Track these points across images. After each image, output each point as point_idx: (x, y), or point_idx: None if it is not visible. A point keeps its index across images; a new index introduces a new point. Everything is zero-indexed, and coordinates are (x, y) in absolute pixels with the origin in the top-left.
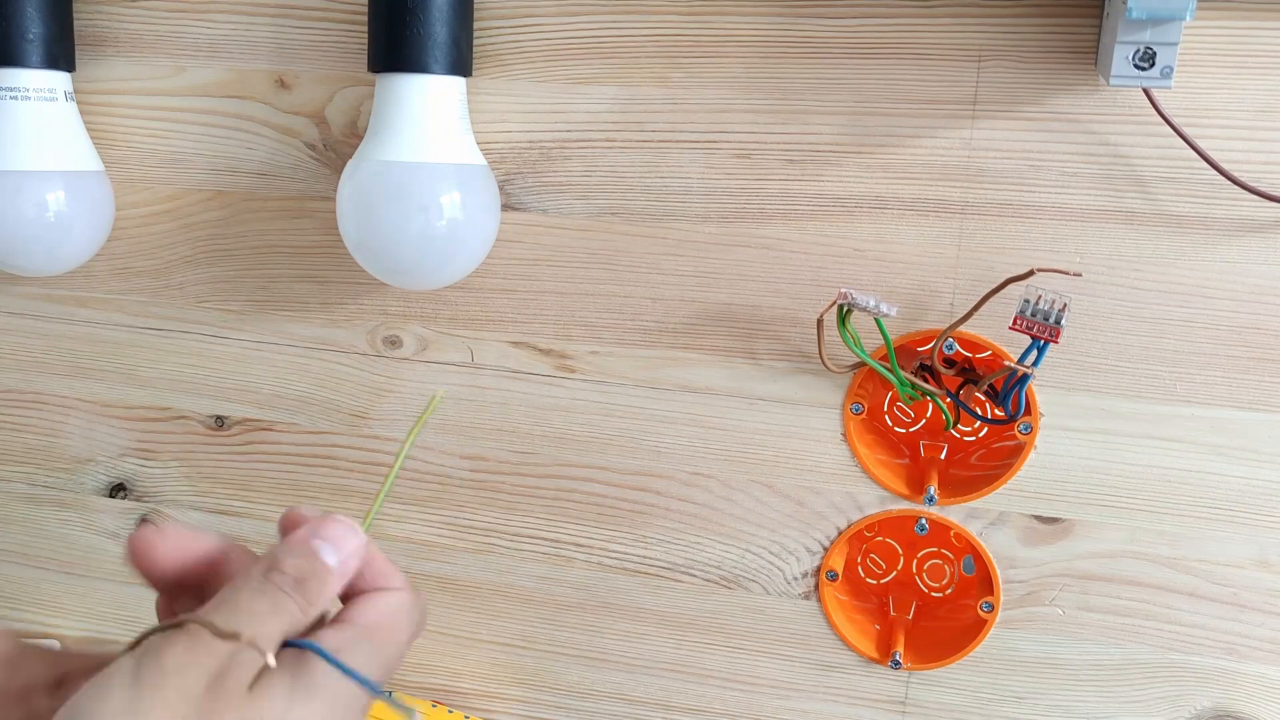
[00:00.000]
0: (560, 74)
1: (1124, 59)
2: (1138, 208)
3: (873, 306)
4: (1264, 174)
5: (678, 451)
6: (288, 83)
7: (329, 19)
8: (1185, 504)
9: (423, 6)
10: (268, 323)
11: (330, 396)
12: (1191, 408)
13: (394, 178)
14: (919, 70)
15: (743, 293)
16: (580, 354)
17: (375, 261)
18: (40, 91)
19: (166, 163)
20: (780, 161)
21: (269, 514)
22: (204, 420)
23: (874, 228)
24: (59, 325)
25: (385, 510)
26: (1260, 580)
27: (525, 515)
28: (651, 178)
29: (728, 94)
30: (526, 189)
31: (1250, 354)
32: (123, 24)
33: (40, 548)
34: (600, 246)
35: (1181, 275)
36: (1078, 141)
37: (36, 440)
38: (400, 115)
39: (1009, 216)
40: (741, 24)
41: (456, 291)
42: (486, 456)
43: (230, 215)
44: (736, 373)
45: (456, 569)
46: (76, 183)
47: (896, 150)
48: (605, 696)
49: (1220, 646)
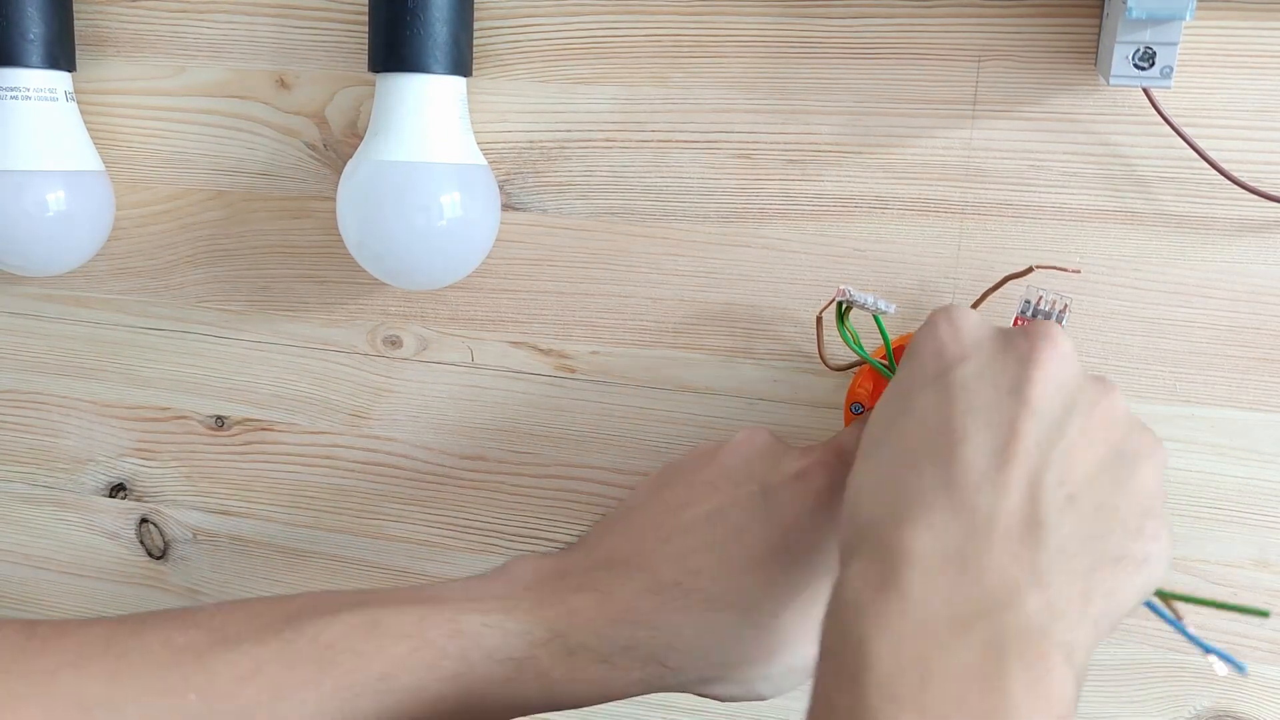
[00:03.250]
0: (560, 74)
1: (1124, 59)
2: (1138, 207)
3: (871, 304)
4: (1264, 174)
5: (678, 451)
6: (288, 83)
7: (329, 19)
8: (1185, 504)
9: (423, 6)
10: (268, 323)
11: (330, 396)
12: (1192, 408)
13: (394, 178)
14: (919, 70)
15: (743, 293)
16: (580, 354)
17: (375, 261)
18: (41, 91)
19: (167, 163)
20: (780, 161)
21: (269, 514)
22: (204, 420)
23: (874, 228)
24: (59, 325)
25: (384, 510)
26: (1260, 580)
27: (525, 515)
28: (651, 178)
29: (728, 94)
30: (527, 189)
31: (1251, 354)
32: (123, 24)
33: (40, 548)
34: (600, 246)
35: (1181, 275)
36: (1078, 141)
37: (36, 440)
38: (400, 115)
39: (1009, 216)
40: (741, 24)
41: (457, 291)
42: (486, 456)
43: (230, 215)
44: (736, 373)
45: (456, 569)
46: (77, 183)
47: (896, 150)
48: None
49: (1220, 646)
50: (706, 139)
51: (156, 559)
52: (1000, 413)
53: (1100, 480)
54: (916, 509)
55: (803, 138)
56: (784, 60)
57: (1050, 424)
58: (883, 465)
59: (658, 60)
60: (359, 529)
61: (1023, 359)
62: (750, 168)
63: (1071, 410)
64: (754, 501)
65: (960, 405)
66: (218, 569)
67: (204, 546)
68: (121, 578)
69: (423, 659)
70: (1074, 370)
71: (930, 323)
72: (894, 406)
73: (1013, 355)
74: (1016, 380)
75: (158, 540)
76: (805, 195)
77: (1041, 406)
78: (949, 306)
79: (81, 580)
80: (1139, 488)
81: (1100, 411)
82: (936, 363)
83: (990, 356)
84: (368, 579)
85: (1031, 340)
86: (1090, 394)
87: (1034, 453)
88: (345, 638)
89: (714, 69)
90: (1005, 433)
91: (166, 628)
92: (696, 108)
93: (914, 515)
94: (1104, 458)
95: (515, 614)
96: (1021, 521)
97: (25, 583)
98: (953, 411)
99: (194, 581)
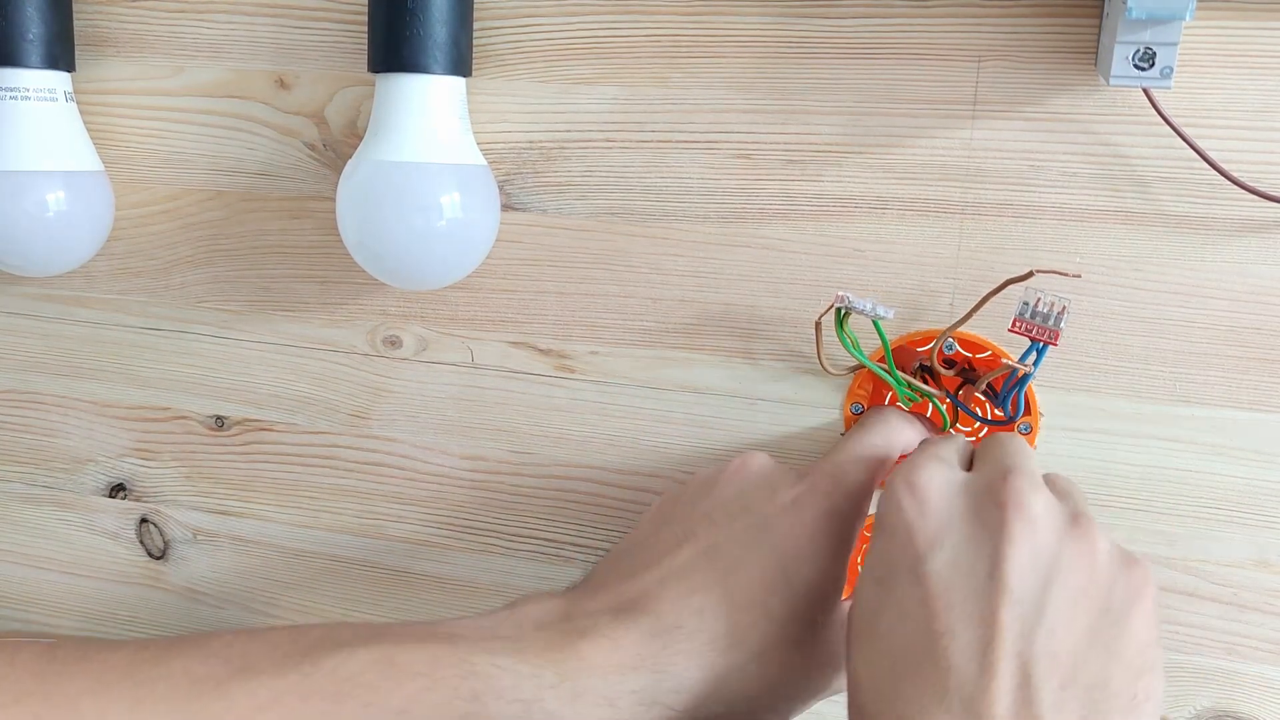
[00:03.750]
0: (560, 74)
1: (1124, 59)
2: (1137, 208)
3: (870, 310)
4: (1264, 174)
5: (678, 451)
6: (287, 83)
7: (329, 19)
8: (1185, 504)
9: (423, 7)
10: (268, 323)
11: (330, 396)
12: (1191, 408)
13: (394, 178)
14: (919, 70)
15: (742, 293)
16: (580, 354)
17: (375, 262)
18: (40, 91)
19: (166, 163)
20: (780, 161)
21: (269, 514)
22: (204, 420)
23: (874, 228)
24: (58, 325)
25: (384, 510)
26: (1260, 580)
27: (524, 515)
28: (651, 178)
29: (728, 94)
30: (526, 189)
31: (1250, 354)
32: (123, 24)
33: (40, 548)
34: (600, 246)
35: (1181, 275)
36: (1078, 141)
37: (36, 440)
38: (400, 115)
39: (1009, 216)
40: (741, 24)
41: (456, 291)
42: (486, 456)
43: (230, 215)
44: (736, 373)
45: (456, 569)
46: (76, 183)
47: (896, 150)
48: None
49: (1220, 646)
50: (706, 139)
51: (156, 559)
52: (979, 603)
53: (1089, 656)
54: (908, 699)
55: (802, 138)
56: (784, 60)
57: (1030, 605)
58: (875, 664)
59: (658, 60)
60: (359, 529)
61: (994, 533)
62: (750, 168)
63: (1050, 582)
64: (750, 535)
65: (941, 602)
66: (217, 569)
67: (204, 546)
68: (121, 578)
69: (436, 697)
70: (1048, 534)
71: (892, 492)
72: (875, 595)
73: (984, 533)
74: (991, 563)
75: (157, 540)
76: (805, 195)
77: (1018, 586)
78: (908, 469)
79: (81, 580)
80: (1129, 646)
81: (1080, 573)
82: (908, 550)
83: (962, 539)
84: (368, 579)
85: (1001, 509)
86: (1068, 554)
87: (1019, 643)
88: (362, 673)
89: (714, 69)
90: (988, 626)
91: (187, 657)
92: (696, 108)
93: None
94: (1090, 625)
95: (525, 656)
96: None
97: (25, 583)
98: (934, 610)
99: (194, 581)
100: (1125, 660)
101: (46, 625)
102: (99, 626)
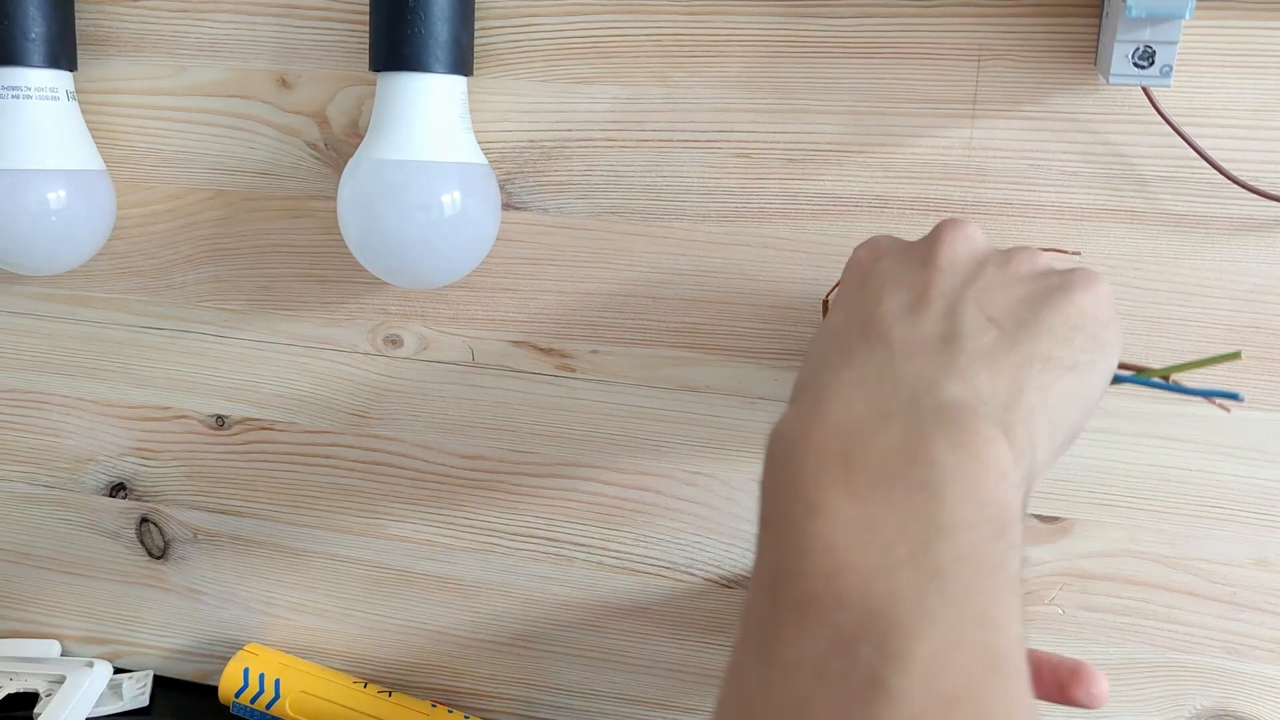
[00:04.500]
0: (561, 74)
1: (1123, 58)
2: (1138, 207)
3: None
4: (1264, 173)
5: (678, 451)
6: (289, 82)
7: (330, 18)
8: (1185, 503)
9: (424, 6)
10: (268, 322)
11: (331, 396)
12: (1191, 407)
13: (395, 177)
14: (919, 70)
15: (743, 293)
16: (580, 354)
17: (376, 261)
18: (42, 91)
19: (168, 162)
20: (780, 161)
21: (269, 514)
22: (204, 420)
23: (874, 228)
24: (60, 325)
25: (385, 510)
26: (1260, 580)
27: (525, 515)
28: (652, 177)
29: (728, 94)
30: (527, 188)
31: (1250, 354)
32: (125, 24)
33: (40, 548)
34: (600, 246)
35: (1181, 275)
36: (1078, 141)
37: (37, 439)
38: (401, 114)
39: (1009, 216)
40: (741, 24)
41: (457, 291)
42: (486, 456)
43: (231, 215)
44: (736, 373)
45: (456, 569)
46: (78, 182)
47: (896, 150)
48: (605, 696)
49: (1220, 646)
50: (706, 139)
51: (157, 558)
52: (913, 278)
53: (1020, 308)
54: (837, 357)
55: (803, 137)
56: (784, 60)
57: (963, 277)
58: (812, 348)
59: (658, 60)
60: (359, 528)
61: (930, 241)
62: (750, 167)
63: (984, 264)
64: None
65: (875, 282)
66: (218, 569)
67: (204, 546)
68: (122, 577)
69: None
70: (982, 241)
71: (853, 252)
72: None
73: (922, 242)
74: (926, 255)
75: (158, 540)
76: (805, 195)
77: (950, 265)
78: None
79: (82, 580)
80: (1067, 306)
81: (1015, 264)
82: (858, 271)
83: (904, 249)
84: (368, 579)
85: (937, 227)
86: (1004, 253)
87: (948, 295)
88: None
89: (714, 68)
90: (918, 289)
91: None
92: (696, 107)
93: (835, 362)
94: (1024, 295)
95: None
96: (939, 337)
97: (25, 582)
98: (870, 290)
99: (194, 581)
100: (1061, 314)
101: (46, 625)
102: (99, 626)
